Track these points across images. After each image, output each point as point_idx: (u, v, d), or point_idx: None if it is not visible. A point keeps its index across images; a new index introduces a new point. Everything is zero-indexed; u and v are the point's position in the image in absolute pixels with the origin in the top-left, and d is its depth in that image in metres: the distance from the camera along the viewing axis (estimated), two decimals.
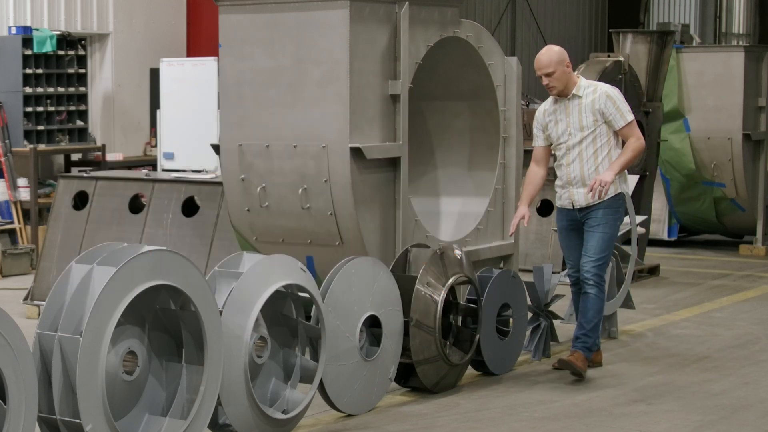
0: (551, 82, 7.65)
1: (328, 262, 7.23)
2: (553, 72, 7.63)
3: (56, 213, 10.04)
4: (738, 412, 7.00)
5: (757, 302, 10.65)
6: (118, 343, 5.48)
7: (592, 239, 7.67)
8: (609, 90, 7.73)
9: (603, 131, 7.66)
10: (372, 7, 7.32)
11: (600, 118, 7.65)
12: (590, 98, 7.67)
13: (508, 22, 20.67)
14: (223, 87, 7.69)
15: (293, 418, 6.40)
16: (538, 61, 7.68)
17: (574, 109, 7.69)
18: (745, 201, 13.51)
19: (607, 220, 7.67)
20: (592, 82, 7.92)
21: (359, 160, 7.25)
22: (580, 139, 7.65)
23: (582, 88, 7.72)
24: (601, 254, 7.66)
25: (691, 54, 13.57)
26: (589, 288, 7.65)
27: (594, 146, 7.65)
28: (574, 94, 7.70)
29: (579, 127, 7.67)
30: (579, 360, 7.61)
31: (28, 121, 12.71)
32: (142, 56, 14.47)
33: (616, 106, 7.67)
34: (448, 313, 7.44)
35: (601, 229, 7.66)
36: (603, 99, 7.66)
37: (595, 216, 7.65)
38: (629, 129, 7.69)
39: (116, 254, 5.54)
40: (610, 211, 7.68)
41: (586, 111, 7.66)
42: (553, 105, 7.80)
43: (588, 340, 7.69)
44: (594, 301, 7.67)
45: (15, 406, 5.02)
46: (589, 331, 7.68)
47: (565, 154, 7.71)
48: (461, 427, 6.66)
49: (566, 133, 7.70)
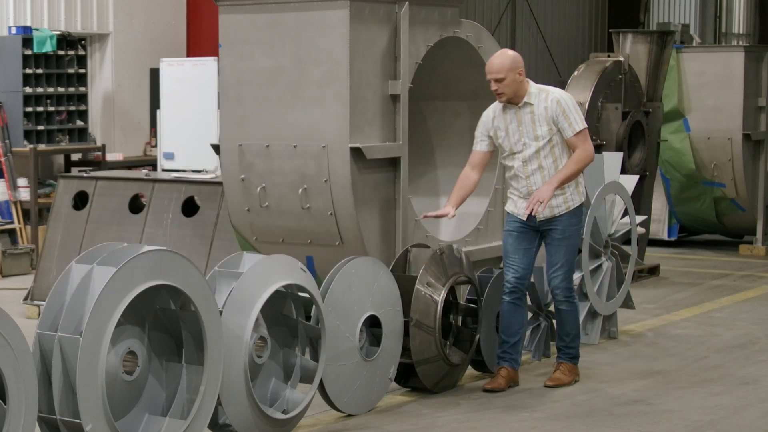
0: (500, 89, 7.20)
1: (328, 262, 7.23)
2: (503, 78, 7.17)
3: (56, 213, 10.04)
4: (738, 412, 7.00)
5: (757, 302, 10.65)
6: (118, 343, 5.48)
7: (558, 252, 7.40)
8: (560, 96, 7.28)
9: (560, 139, 7.25)
10: (372, 7, 7.32)
11: (554, 126, 7.23)
12: (542, 106, 7.23)
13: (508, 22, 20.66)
14: (223, 87, 7.69)
15: (293, 418, 6.40)
16: (490, 65, 7.25)
17: (526, 117, 7.26)
18: (745, 201, 13.51)
19: (572, 232, 7.39)
20: (543, 87, 7.38)
21: (359, 160, 7.25)
22: (536, 149, 7.24)
23: (533, 96, 7.26)
24: (570, 266, 7.47)
25: (691, 54, 13.57)
26: (561, 304, 7.51)
27: (553, 156, 7.25)
28: (525, 102, 7.25)
29: (533, 137, 7.25)
30: (566, 373, 7.56)
31: (28, 121, 12.70)
32: (142, 56, 14.47)
33: (566, 114, 7.22)
34: (448, 313, 7.44)
35: (567, 242, 7.38)
36: (554, 105, 7.21)
37: (560, 227, 7.34)
38: (578, 138, 7.22)
39: (116, 254, 5.54)
40: (574, 221, 7.39)
41: (540, 120, 7.23)
42: (503, 112, 7.33)
43: (571, 351, 7.61)
44: (568, 314, 7.55)
45: (15, 406, 5.02)
46: (570, 342, 7.60)
47: (523, 165, 7.28)
48: (461, 427, 6.66)
49: (520, 143, 7.27)
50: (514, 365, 7.47)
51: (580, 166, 7.26)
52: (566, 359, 7.61)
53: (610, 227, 8.93)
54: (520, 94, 7.26)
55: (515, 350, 7.46)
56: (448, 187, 8.57)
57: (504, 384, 7.39)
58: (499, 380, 7.38)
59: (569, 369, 7.58)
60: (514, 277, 7.40)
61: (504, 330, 7.45)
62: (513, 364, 7.46)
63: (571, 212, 7.36)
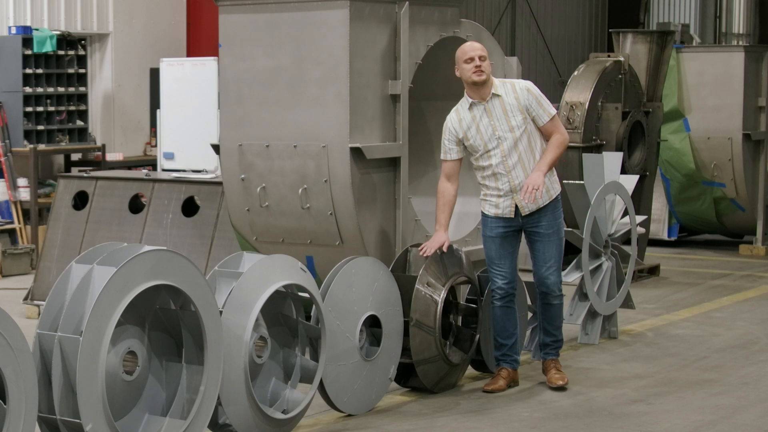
0: (483, 66, 7.13)
1: (328, 262, 7.23)
2: (486, 57, 7.18)
3: (56, 213, 10.04)
4: (738, 412, 7.00)
5: (757, 302, 10.65)
6: (118, 343, 5.48)
7: (549, 247, 7.34)
8: (527, 84, 7.25)
9: (532, 128, 7.20)
10: (372, 7, 7.32)
11: (527, 113, 7.16)
12: (512, 96, 7.18)
13: (508, 22, 20.66)
14: (223, 87, 7.69)
15: (293, 418, 6.40)
16: (471, 45, 7.25)
17: (497, 110, 7.18)
18: (745, 201, 13.51)
19: (557, 226, 7.34)
20: (504, 79, 7.43)
21: (359, 160, 7.25)
22: (513, 141, 7.15)
23: (499, 87, 7.22)
24: (560, 261, 7.43)
25: (691, 54, 13.57)
26: (555, 299, 7.46)
27: (530, 146, 7.19)
28: (493, 93, 7.19)
29: (508, 128, 7.16)
30: (561, 369, 7.55)
31: (28, 121, 12.71)
32: (142, 56, 14.48)
33: (539, 100, 7.20)
34: (448, 313, 7.44)
35: (556, 236, 7.34)
36: (524, 93, 7.17)
37: (546, 221, 7.28)
38: (552, 124, 7.20)
39: (116, 254, 5.54)
40: (557, 214, 7.34)
41: (513, 110, 7.16)
42: (469, 112, 7.24)
43: (559, 343, 7.60)
44: (559, 308, 7.52)
45: (15, 406, 5.02)
46: (558, 332, 7.58)
47: (502, 161, 7.17)
48: (461, 427, 6.66)
49: (494, 138, 7.18)
50: (514, 365, 7.47)
51: (561, 149, 7.24)
52: (555, 354, 7.58)
53: (610, 227, 8.93)
54: (489, 84, 7.23)
55: (513, 351, 7.46)
56: None
57: (504, 385, 7.39)
58: (500, 381, 7.38)
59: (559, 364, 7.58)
60: (505, 283, 7.36)
61: (500, 333, 7.43)
62: (513, 364, 7.46)
63: (553, 204, 7.32)
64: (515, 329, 7.46)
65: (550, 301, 7.49)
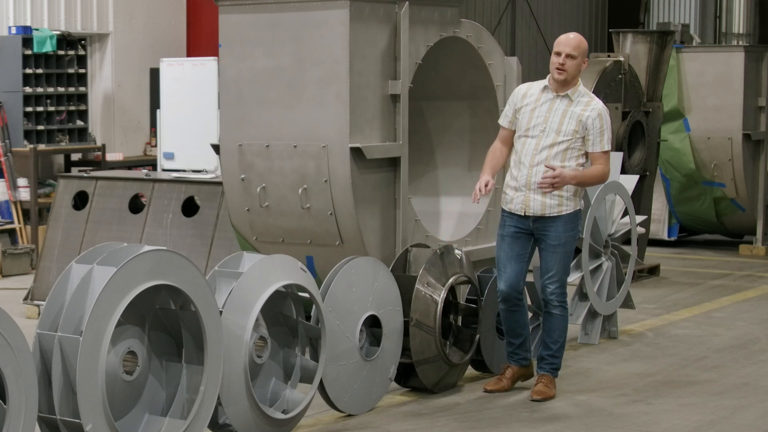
0: (566, 66, 7.03)
1: (328, 262, 7.23)
2: (575, 57, 7.04)
3: (56, 213, 10.04)
4: (738, 412, 7.00)
5: (757, 302, 10.65)
6: (118, 343, 5.48)
7: (553, 258, 7.16)
8: (603, 110, 7.14)
9: (577, 146, 7.09)
10: (372, 7, 7.32)
11: (581, 131, 7.06)
12: (581, 107, 7.09)
13: (508, 22, 20.66)
14: (223, 87, 7.69)
15: (293, 418, 6.40)
16: (567, 39, 7.10)
17: (559, 108, 7.10)
18: (745, 201, 13.51)
19: (567, 239, 7.15)
20: (591, 93, 7.28)
21: (359, 160, 7.25)
22: (551, 142, 7.07)
23: (578, 93, 7.14)
24: (564, 273, 7.25)
25: (691, 54, 13.57)
26: (555, 309, 7.26)
27: (564, 156, 7.08)
28: (567, 94, 7.12)
29: (557, 129, 7.08)
30: (549, 385, 7.29)
31: (28, 121, 12.70)
32: (142, 56, 14.47)
33: (602, 129, 7.09)
34: (448, 313, 7.44)
35: (562, 249, 7.16)
36: (594, 115, 7.07)
37: (555, 232, 7.13)
38: (602, 157, 7.11)
39: (116, 254, 5.54)
40: (570, 227, 7.16)
41: (572, 117, 7.07)
42: (541, 91, 7.17)
43: (556, 361, 7.35)
44: (559, 321, 7.30)
45: (15, 406, 5.02)
46: (557, 352, 7.34)
47: (532, 153, 7.10)
48: (461, 427, 6.66)
49: (538, 128, 7.09)
50: (523, 363, 7.42)
51: (598, 179, 7.23)
52: (548, 370, 7.34)
53: (610, 227, 8.93)
54: (571, 84, 7.14)
55: (522, 349, 7.41)
56: (448, 187, 8.59)
57: (507, 385, 7.37)
58: (502, 382, 7.37)
59: (551, 381, 7.33)
60: (506, 286, 7.25)
61: (507, 332, 7.43)
62: (522, 362, 7.42)
63: (566, 217, 7.15)
64: (523, 329, 7.40)
65: (549, 310, 7.32)
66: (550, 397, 7.24)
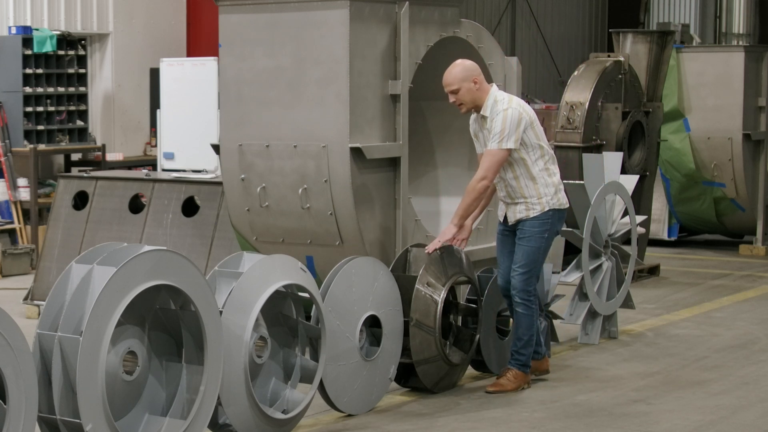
0: (458, 99, 7.19)
1: (328, 262, 7.23)
2: (458, 89, 7.15)
3: (56, 213, 10.04)
4: (738, 412, 7.00)
5: (757, 302, 10.65)
6: (118, 343, 5.48)
7: (518, 251, 7.33)
8: (511, 110, 7.15)
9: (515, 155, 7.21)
10: (372, 7, 7.32)
11: None
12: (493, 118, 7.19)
13: (508, 22, 20.66)
14: (223, 87, 7.69)
15: (293, 418, 6.40)
16: (444, 78, 7.22)
17: (484, 128, 7.27)
18: (745, 201, 13.51)
19: (532, 233, 7.28)
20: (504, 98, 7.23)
21: (359, 160, 7.26)
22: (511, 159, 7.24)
23: (488, 108, 7.19)
24: (526, 267, 7.29)
25: (691, 54, 13.57)
26: (518, 306, 7.34)
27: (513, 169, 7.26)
28: (483, 114, 7.24)
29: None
30: (511, 379, 7.34)
31: (28, 121, 12.71)
32: (142, 56, 14.47)
33: (499, 127, 7.12)
34: (448, 313, 7.44)
35: (526, 242, 7.29)
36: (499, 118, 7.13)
37: (522, 228, 7.33)
38: (485, 156, 7.18)
39: (116, 254, 5.54)
40: (536, 223, 7.28)
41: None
42: (476, 118, 7.38)
43: (521, 357, 7.40)
44: (521, 318, 7.36)
45: (15, 406, 5.02)
46: (522, 348, 7.38)
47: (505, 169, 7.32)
48: (461, 427, 6.66)
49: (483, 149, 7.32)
50: (535, 357, 7.50)
51: (471, 195, 7.22)
52: (515, 365, 7.39)
53: (610, 227, 8.93)
54: (479, 103, 7.23)
55: (526, 350, 7.42)
56: (448, 187, 8.59)
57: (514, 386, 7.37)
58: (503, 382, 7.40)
59: (515, 376, 7.36)
60: (501, 281, 7.52)
61: (513, 332, 7.54)
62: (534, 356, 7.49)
63: (535, 218, 7.31)
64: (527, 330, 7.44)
65: (514, 307, 7.39)
66: (507, 390, 7.31)
